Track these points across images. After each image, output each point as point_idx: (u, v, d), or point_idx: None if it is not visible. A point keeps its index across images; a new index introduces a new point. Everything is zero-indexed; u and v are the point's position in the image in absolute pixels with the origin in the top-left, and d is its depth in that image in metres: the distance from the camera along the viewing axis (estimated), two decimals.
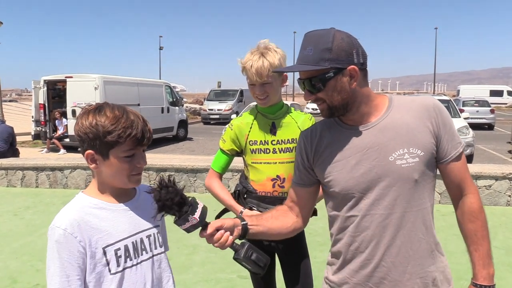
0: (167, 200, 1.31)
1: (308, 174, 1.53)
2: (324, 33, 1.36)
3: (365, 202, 1.39)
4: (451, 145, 1.41)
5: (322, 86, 1.37)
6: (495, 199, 6.17)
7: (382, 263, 1.40)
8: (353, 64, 1.35)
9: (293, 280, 2.24)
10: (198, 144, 15.60)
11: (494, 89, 36.97)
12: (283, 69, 1.72)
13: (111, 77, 13.75)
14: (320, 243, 4.24)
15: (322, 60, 1.33)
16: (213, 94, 26.46)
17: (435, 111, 1.40)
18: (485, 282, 1.41)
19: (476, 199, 1.44)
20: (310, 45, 1.36)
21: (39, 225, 5.50)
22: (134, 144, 1.36)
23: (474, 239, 1.42)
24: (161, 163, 7.39)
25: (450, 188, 1.47)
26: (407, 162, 1.36)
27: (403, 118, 1.40)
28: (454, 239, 4.31)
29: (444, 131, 1.40)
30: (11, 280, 3.92)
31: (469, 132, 10.32)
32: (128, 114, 1.37)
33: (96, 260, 1.32)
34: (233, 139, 2.19)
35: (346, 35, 1.37)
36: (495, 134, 18.76)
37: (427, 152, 1.38)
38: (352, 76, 1.36)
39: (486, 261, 1.42)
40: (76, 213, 1.34)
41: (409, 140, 1.37)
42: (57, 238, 1.29)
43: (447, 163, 1.42)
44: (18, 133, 14.13)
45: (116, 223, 1.38)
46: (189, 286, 3.75)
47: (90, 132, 1.33)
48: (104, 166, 1.37)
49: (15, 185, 7.89)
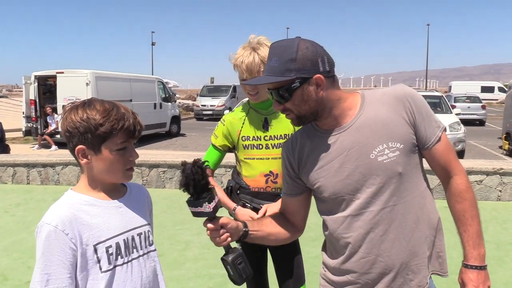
0: (194, 178, 1.30)
1: (296, 183, 1.54)
2: (288, 43, 1.36)
3: (355, 203, 1.40)
4: (429, 131, 1.41)
5: (289, 96, 1.37)
6: (486, 194, 6.23)
7: (379, 259, 1.41)
8: (318, 73, 1.35)
9: (285, 275, 2.25)
10: (191, 140, 15.57)
11: (485, 85, 37.23)
12: (250, 81, 1.74)
13: (103, 72, 13.65)
14: (313, 239, 4.25)
15: (288, 71, 1.34)
16: (206, 90, 26.37)
17: (408, 101, 1.40)
18: (476, 262, 1.41)
19: (463, 180, 1.44)
20: (276, 56, 1.36)
21: (30, 222, 5.45)
22: (126, 136, 1.35)
23: (463, 219, 1.43)
24: (154, 159, 7.36)
25: (437, 171, 1.48)
26: (388, 157, 1.37)
27: (377, 114, 1.40)
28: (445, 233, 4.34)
29: (420, 118, 1.40)
30: (2, 277, 3.89)
31: (461, 128, 10.39)
32: (118, 107, 1.37)
33: (87, 258, 1.30)
34: (225, 135, 2.18)
35: (311, 44, 1.37)
36: (486, 130, 18.92)
37: (406, 143, 1.38)
38: (319, 85, 1.36)
39: (477, 241, 1.41)
40: (67, 209, 1.32)
41: (386, 134, 1.38)
42: (47, 235, 1.26)
43: (429, 149, 1.42)
44: (9, 129, 14.02)
45: (108, 220, 1.36)
46: (182, 282, 3.74)
47: (81, 126, 1.31)
48: (96, 161, 1.35)
49: (6, 182, 7.82)
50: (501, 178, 6.20)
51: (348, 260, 1.45)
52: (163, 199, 6.46)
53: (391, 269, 1.41)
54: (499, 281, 3.70)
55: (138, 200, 1.50)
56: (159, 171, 7.29)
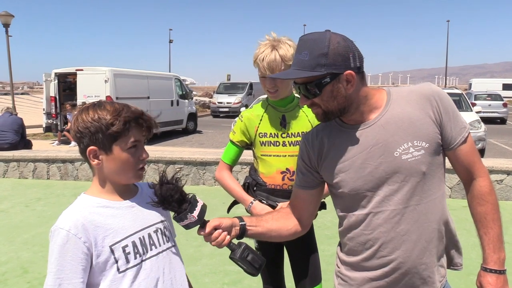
0: (167, 196, 1.33)
1: (312, 176, 1.52)
2: (319, 37, 1.33)
3: (376, 200, 1.38)
4: (455, 131, 1.38)
5: (318, 92, 1.35)
6: (506, 194, 6.10)
7: (400, 260, 1.39)
8: (349, 69, 1.32)
9: (302, 273, 2.24)
10: (207, 137, 15.63)
11: (507, 82, 36.41)
12: (278, 75, 1.72)
13: (121, 70, 13.79)
14: (329, 237, 4.24)
15: (318, 66, 1.31)
16: (222, 87, 26.43)
17: (435, 99, 1.38)
18: (496, 266, 1.38)
19: (486, 182, 1.42)
20: (306, 50, 1.33)
21: (50, 216, 5.57)
22: (137, 135, 1.36)
23: (484, 222, 1.40)
24: (171, 156, 7.42)
25: (459, 173, 1.45)
26: (412, 155, 1.34)
27: (404, 111, 1.38)
28: (464, 233, 4.27)
29: (446, 118, 1.37)
30: (22, 270, 3.98)
31: (481, 126, 10.19)
32: (129, 107, 1.38)
33: (105, 259, 1.30)
34: (243, 131, 2.19)
35: (342, 39, 1.34)
36: (508, 128, 18.52)
37: (432, 142, 1.36)
38: (349, 81, 1.34)
39: (497, 245, 1.39)
40: (79, 213, 1.32)
41: (412, 133, 1.36)
42: (60, 240, 1.26)
43: (454, 149, 1.40)
44: (30, 125, 14.30)
45: (122, 220, 1.36)
46: (198, 278, 3.77)
47: (92, 126, 1.32)
48: (107, 162, 1.35)
49: (27, 177, 7.99)
50: None
51: (368, 258, 1.43)
52: None
53: (410, 270, 1.39)
54: None
55: (151, 198, 1.51)
56: (176, 168, 7.35)
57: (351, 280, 1.49)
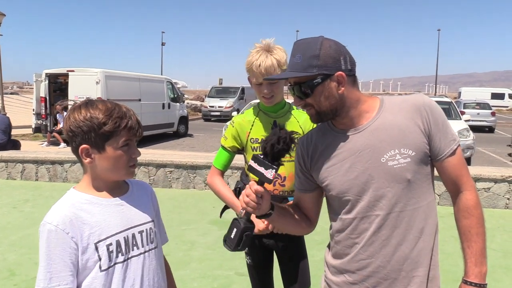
0: (283, 144, 1.35)
1: (308, 180, 1.56)
2: (312, 41, 1.40)
3: (361, 205, 1.41)
4: (444, 143, 1.40)
5: (311, 92, 1.39)
6: (493, 201, 6.17)
7: (379, 263, 1.41)
8: (340, 70, 1.37)
9: (291, 278, 2.25)
10: (198, 141, 15.60)
11: (496, 91, 36.93)
12: (274, 76, 1.79)
13: (113, 71, 13.73)
14: (318, 242, 4.24)
15: (310, 67, 1.36)
16: (214, 91, 26.44)
17: (425, 110, 1.40)
18: (476, 279, 1.39)
19: (472, 196, 1.43)
20: (299, 53, 1.39)
21: (38, 218, 5.50)
22: (129, 134, 1.37)
23: (468, 235, 1.42)
24: (161, 159, 7.40)
25: (447, 185, 1.47)
26: (398, 162, 1.37)
27: (394, 119, 1.41)
28: (452, 241, 4.32)
29: (436, 129, 1.40)
30: (9, 272, 3.93)
31: (470, 134, 10.30)
32: (120, 106, 1.39)
33: (89, 256, 1.32)
34: (234, 136, 2.19)
35: (334, 43, 1.40)
36: (496, 137, 18.76)
37: (418, 151, 1.38)
38: (340, 82, 1.38)
39: (479, 259, 1.40)
40: (67, 209, 1.33)
41: (400, 140, 1.38)
42: (49, 235, 1.29)
43: (441, 160, 1.42)
44: (19, 126, 14.15)
45: (109, 218, 1.37)
46: (187, 282, 3.75)
47: (84, 125, 1.33)
48: (99, 160, 1.37)
49: (15, 178, 7.90)
50: (510, 186, 6.14)
51: (349, 261, 1.46)
52: (169, 199, 6.49)
53: (389, 275, 1.41)
54: None
55: (141, 197, 1.51)
56: (166, 171, 7.32)
57: (334, 285, 1.52)
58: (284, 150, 1.36)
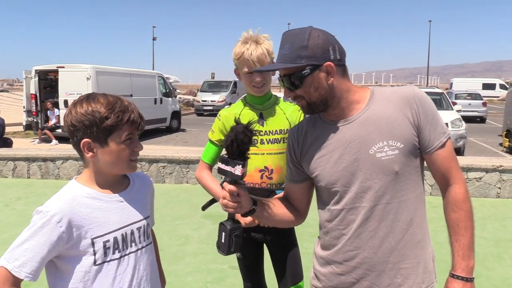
0: (242, 138, 1.33)
1: (299, 170, 1.56)
2: (300, 31, 1.39)
3: (349, 196, 1.41)
4: (433, 135, 1.40)
5: (300, 83, 1.39)
6: (485, 191, 6.24)
7: (366, 255, 1.42)
8: (329, 61, 1.36)
9: (283, 271, 2.25)
10: (191, 136, 15.57)
11: (487, 82, 37.12)
12: (262, 68, 1.79)
13: (104, 67, 13.64)
14: (311, 234, 4.26)
15: (299, 58, 1.36)
16: (206, 85, 26.32)
17: (415, 102, 1.40)
18: (463, 273, 1.39)
19: (461, 190, 1.43)
20: (287, 44, 1.38)
21: (30, 216, 5.45)
22: (132, 128, 1.36)
23: (456, 229, 1.42)
24: (154, 154, 7.37)
25: (436, 178, 1.47)
26: (386, 154, 1.37)
27: (384, 111, 1.40)
28: (444, 230, 4.31)
29: (425, 121, 1.39)
30: None
31: (462, 124, 10.37)
32: (122, 100, 1.38)
33: (82, 249, 1.31)
34: (221, 130, 2.18)
35: (322, 33, 1.39)
36: (487, 127, 18.90)
37: (407, 143, 1.38)
38: (329, 72, 1.38)
39: (467, 252, 1.40)
40: (67, 202, 1.32)
41: (388, 132, 1.38)
42: (41, 222, 1.27)
43: (431, 153, 1.41)
44: (10, 123, 14.01)
45: (108, 214, 1.37)
46: (181, 276, 3.75)
47: (86, 120, 1.31)
48: (102, 154, 1.35)
49: (7, 176, 7.83)
50: (501, 175, 6.21)
51: (337, 252, 1.46)
52: (163, 194, 6.47)
53: (376, 266, 1.41)
54: (497, 278, 3.70)
55: (141, 192, 1.51)
56: (159, 166, 7.30)
57: (321, 275, 1.53)
58: (245, 143, 1.34)
